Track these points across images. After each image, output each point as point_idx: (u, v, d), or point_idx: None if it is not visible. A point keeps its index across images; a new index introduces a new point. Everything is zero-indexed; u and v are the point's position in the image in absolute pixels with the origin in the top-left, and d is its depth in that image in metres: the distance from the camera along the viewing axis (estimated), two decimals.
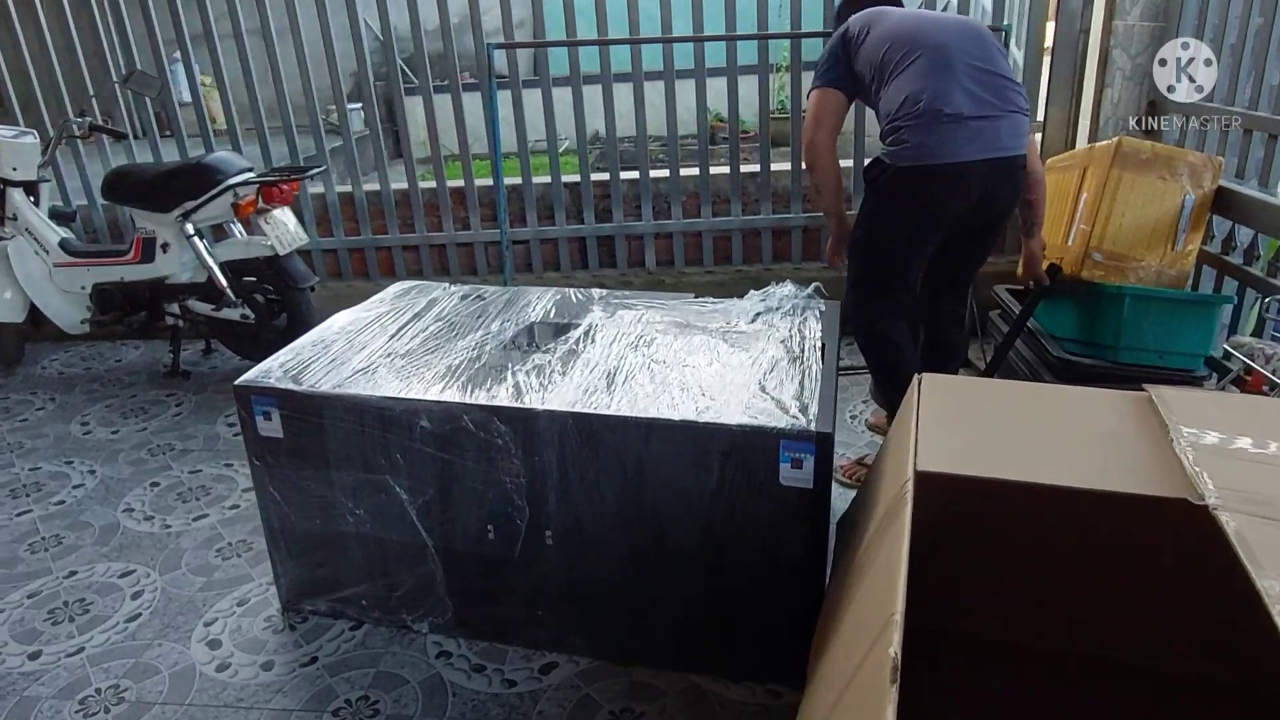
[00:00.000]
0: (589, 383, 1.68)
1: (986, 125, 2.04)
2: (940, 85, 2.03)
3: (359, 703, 1.70)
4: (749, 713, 1.64)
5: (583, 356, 1.81)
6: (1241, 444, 1.25)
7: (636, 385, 1.66)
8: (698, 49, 3.34)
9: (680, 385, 1.66)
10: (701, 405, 1.57)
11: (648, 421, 1.54)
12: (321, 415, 1.71)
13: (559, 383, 1.69)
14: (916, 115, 2.04)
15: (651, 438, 1.55)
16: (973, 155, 2.03)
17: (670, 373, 1.72)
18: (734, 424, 1.51)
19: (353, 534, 1.81)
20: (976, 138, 2.03)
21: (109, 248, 3.34)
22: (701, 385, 1.65)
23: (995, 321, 3.10)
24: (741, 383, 1.66)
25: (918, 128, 2.04)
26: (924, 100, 2.03)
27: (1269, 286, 2.39)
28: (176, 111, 3.55)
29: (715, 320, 2.01)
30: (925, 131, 2.03)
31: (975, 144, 2.03)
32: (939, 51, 2.07)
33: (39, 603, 2.06)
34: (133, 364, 3.55)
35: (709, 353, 1.81)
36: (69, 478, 2.64)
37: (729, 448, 1.51)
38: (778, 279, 3.22)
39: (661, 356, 1.80)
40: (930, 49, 2.08)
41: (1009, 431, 1.36)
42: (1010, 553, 1.42)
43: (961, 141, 2.02)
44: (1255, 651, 1.30)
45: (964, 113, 2.02)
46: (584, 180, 3.54)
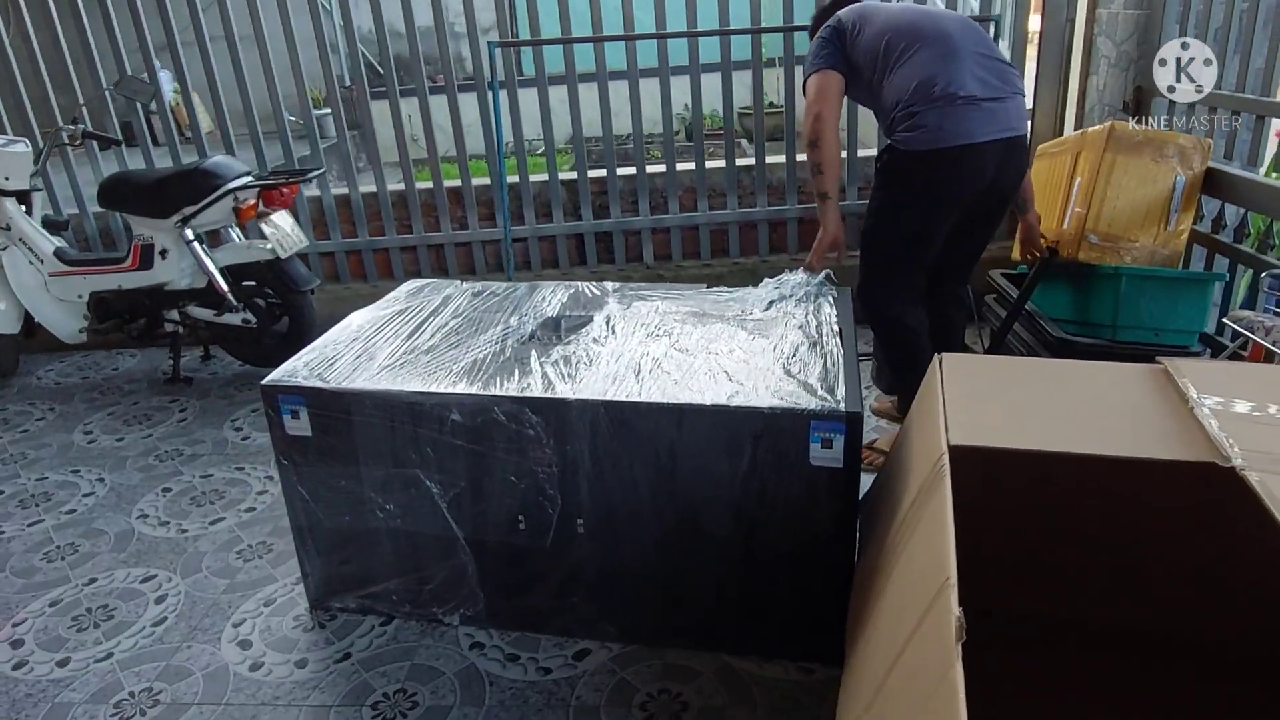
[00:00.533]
0: (616, 371, 1.71)
1: (997, 107, 2.10)
2: (953, 70, 2.09)
3: (396, 695, 1.72)
4: (783, 689, 1.67)
5: (607, 347, 1.84)
6: (1260, 409, 1.30)
7: (663, 373, 1.69)
8: (691, 44, 3.37)
9: (707, 371, 1.69)
10: (730, 390, 1.60)
11: (679, 407, 1.57)
12: (350, 412, 1.73)
13: (587, 372, 1.72)
14: (932, 99, 2.09)
15: (683, 423, 1.58)
16: (988, 136, 2.10)
17: (694, 360, 1.75)
18: (764, 406, 1.54)
19: (383, 529, 1.82)
20: (990, 119, 2.09)
21: (106, 255, 3.32)
22: (728, 371, 1.69)
23: (991, 306, 3.16)
24: (766, 367, 1.70)
25: (934, 111, 2.09)
26: (939, 85, 2.08)
27: (1259, 263, 2.47)
28: (169, 116, 3.53)
29: (730, 309, 2.04)
30: (942, 115, 2.08)
31: (990, 125, 2.09)
32: (944, 40, 2.12)
33: (61, 610, 2.05)
34: (131, 372, 3.52)
35: (729, 340, 1.84)
36: (78, 486, 2.63)
37: (760, 430, 1.54)
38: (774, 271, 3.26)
39: (684, 345, 1.83)
40: (935, 37, 2.13)
41: (1035, 405, 1.41)
42: (1042, 526, 1.47)
43: (977, 123, 2.08)
44: None
45: (977, 95, 2.08)
46: (581, 177, 3.57)
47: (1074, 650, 1.56)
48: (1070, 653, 1.56)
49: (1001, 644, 1.52)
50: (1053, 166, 2.81)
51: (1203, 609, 1.51)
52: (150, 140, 3.61)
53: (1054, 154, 2.84)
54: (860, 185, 3.56)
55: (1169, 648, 1.52)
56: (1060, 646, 1.56)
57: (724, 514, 1.63)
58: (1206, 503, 1.28)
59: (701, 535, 1.66)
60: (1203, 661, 1.51)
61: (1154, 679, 1.51)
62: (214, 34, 3.36)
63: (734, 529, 1.64)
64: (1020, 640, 1.55)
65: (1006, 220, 3.49)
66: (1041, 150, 2.93)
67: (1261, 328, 1.95)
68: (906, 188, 2.23)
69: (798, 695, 1.66)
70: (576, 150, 3.59)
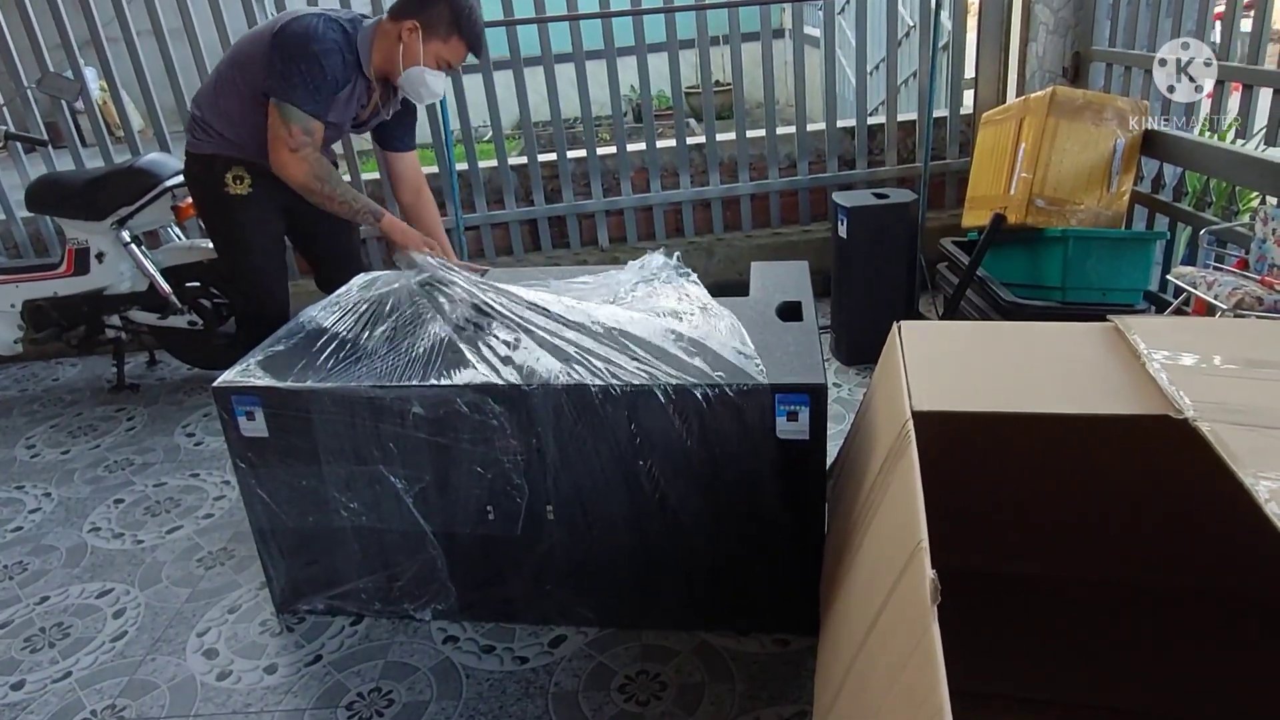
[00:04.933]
0: (570, 354, 1.67)
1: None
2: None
3: (372, 694, 1.69)
4: (761, 662, 1.69)
5: (545, 332, 1.77)
6: (1207, 361, 1.34)
7: (617, 355, 1.66)
8: (637, 24, 3.34)
9: (658, 354, 1.66)
10: (690, 368, 1.60)
11: (643, 388, 1.56)
12: (309, 410, 1.68)
13: (542, 359, 1.68)
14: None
15: (647, 403, 1.57)
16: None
17: (643, 341, 1.70)
18: (727, 383, 1.54)
19: (348, 528, 1.79)
20: None
21: (37, 262, 3.19)
22: (682, 350, 1.67)
23: (944, 274, 3.21)
24: (719, 345, 1.68)
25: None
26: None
27: (1198, 220, 2.54)
28: (97, 114, 3.39)
29: (601, 293, 1.95)
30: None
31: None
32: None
33: (12, 632, 1.97)
34: (72, 382, 3.40)
35: (649, 324, 1.77)
36: (23, 503, 2.53)
37: (724, 406, 1.54)
38: (731, 249, 3.27)
39: (619, 328, 1.76)
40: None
41: (993, 369, 1.43)
42: (1006, 485, 1.50)
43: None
44: (1246, 557, 1.40)
45: None
46: (531, 162, 3.52)
47: (1045, 605, 1.60)
48: (1041, 607, 1.59)
49: (974, 604, 1.55)
50: (998, 133, 2.85)
51: (1166, 558, 1.55)
52: (79, 140, 3.47)
53: (999, 121, 2.88)
54: (811, 160, 3.58)
55: (1136, 598, 1.57)
56: (1031, 602, 1.60)
57: (692, 492, 1.63)
58: (1162, 454, 1.31)
59: (671, 515, 1.65)
60: (1169, 609, 1.56)
61: (1123, 629, 1.56)
62: (141, 28, 3.23)
63: (703, 506, 1.64)
64: (991, 597, 1.58)
65: (956, 189, 3.56)
66: (986, 118, 2.97)
67: (1204, 282, 2.01)
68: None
69: (775, 667, 1.67)
70: (526, 135, 3.54)
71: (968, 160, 3.33)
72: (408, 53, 2.16)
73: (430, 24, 2.14)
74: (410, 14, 2.13)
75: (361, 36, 2.18)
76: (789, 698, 1.60)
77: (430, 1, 2.14)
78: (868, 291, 2.88)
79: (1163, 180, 2.75)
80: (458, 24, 2.16)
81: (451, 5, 2.14)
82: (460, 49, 2.21)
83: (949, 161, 3.58)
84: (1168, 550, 1.54)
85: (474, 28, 2.19)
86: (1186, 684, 1.49)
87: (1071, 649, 1.56)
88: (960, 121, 3.55)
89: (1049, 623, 1.58)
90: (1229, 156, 2.41)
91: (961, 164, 3.51)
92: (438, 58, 2.19)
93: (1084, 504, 1.52)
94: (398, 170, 2.49)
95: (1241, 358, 1.35)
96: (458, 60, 2.24)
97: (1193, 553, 1.52)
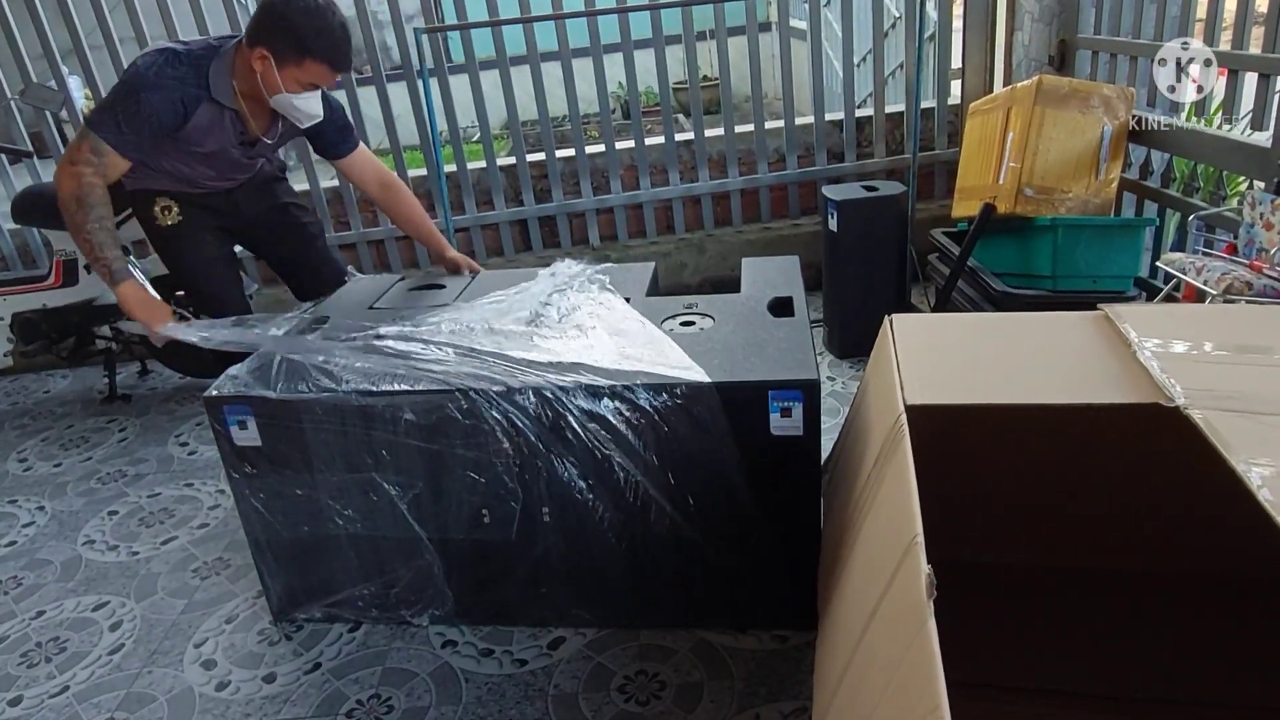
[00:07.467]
0: (560, 357, 1.67)
1: None
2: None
3: (371, 701, 1.69)
4: (759, 659, 1.69)
5: (535, 337, 1.77)
6: (1197, 348, 1.34)
7: (605, 356, 1.66)
8: (623, 21, 3.33)
9: (644, 357, 1.65)
10: (682, 366, 1.59)
11: (641, 388, 1.56)
12: (301, 418, 1.68)
13: (533, 361, 1.67)
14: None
15: (641, 402, 1.56)
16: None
17: (630, 344, 1.70)
18: (721, 380, 1.54)
19: (343, 536, 1.78)
20: None
21: (25, 274, 3.17)
22: (672, 350, 1.67)
23: (935, 265, 3.21)
24: (707, 346, 1.68)
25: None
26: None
27: (1187, 205, 2.55)
28: (81, 123, 3.35)
29: (525, 303, 1.94)
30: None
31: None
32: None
33: (8, 647, 1.96)
34: (63, 394, 3.38)
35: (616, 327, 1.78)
36: (16, 517, 2.51)
37: (719, 404, 1.54)
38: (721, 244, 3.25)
39: (609, 330, 1.77)
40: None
41: (986, 360, 1.43)
42: (1001, 476, 1.50)
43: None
44: (1238, 544, 1.40)
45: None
46: (520, 162, 3.51)
47: (1038, 593, 1.60)
48: (1034, 596, 1.60)
49: (970, 594, 1.56)
50: (986, 123, 2.85)
51: (1158, 546, 1.56)
52: (64, 150, 3.44)
53: (986, 110, 2.88)
54: (799, 154, 3.57)
55: (1129, 586, 1.57)
56: (1024, 591, 1.60)
57: (688, 490, 1.63)
58: (1154, 442, 1.31)
59: (667, 514, 1.65)
60: (1162, 597, 1.57)
61: (1116, 616, 1.56)
62: (124, 35, 3.21)
63: (700, 504, 1.64)
64: (988, 589, 1.58)
65: (945, 179, 3.56)
66: (974, 108, 2.97)
67: (1193, 268, 2.02)
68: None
69: (774, 663, 1.67)
70: (514, 134, 3.53)
71: (956, 151, 3.34)
72: (266, 81, 2.05)
73: (278, 51, 2.01)
74: (257, 42, 2.01)
75: (217, 65, 2.08)
76: (788, 693, 1.60)
77: (274, 28, 2.00)
78: (859, 284, 2.88)
79: (1150, 166, 2.75)
80: (305, 47, 2.00)
81: (295, 29, 1.99)
82: (318, 69, 2.04)
83: (938, 152, 3.57)
84: (1160, 538, 1.54)
85: (326, 47, 2.02)
86: (1180, 670, 1.49)
87: (1065, 637, 1.56)
88: (948, 112, 3.55)
89: (1042, 611, 1.59)
90: (1215, 142, 2.41)
91: (950, 154, 3.50)
92: (297, 81, 2.06)
93: (1076, 493, 1.53)
94: (351, 173, 2.48)
95: (1232, 344, 1.35)
96: (323, 81, 2.09)
97: (1185, 540, 1.53)
